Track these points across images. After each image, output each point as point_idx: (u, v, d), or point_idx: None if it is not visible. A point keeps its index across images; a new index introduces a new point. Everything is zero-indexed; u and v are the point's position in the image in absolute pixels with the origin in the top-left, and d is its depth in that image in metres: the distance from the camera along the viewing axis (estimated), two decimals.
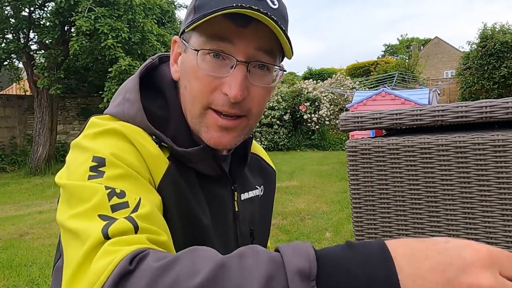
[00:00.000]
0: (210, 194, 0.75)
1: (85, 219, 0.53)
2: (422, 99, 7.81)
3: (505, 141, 0.71)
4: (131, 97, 0.71)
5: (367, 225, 0.82)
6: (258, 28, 0.64)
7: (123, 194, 0.56)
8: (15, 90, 14.81)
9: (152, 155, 0.65)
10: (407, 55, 27.03)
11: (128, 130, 0.65)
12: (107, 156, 0.60)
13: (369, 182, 0.81)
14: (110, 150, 0.61)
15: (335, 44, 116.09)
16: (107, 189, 0.55)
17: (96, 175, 0.58)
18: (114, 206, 0.54)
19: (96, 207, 0.53)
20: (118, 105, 0.72)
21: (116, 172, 0.59)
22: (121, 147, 0.63)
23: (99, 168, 0.58)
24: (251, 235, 0.83)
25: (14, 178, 9.47)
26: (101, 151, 0.60)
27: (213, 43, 0.65)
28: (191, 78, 0.68)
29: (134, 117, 0.69)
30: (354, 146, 0.82)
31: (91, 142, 0.63)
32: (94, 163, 0.59)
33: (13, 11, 9.78)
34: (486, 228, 0.73)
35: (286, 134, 13.02)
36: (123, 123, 0.67)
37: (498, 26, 16.92)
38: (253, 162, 0.89)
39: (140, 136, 0.66)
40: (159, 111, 0.73)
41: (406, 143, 0.78)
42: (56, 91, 9.76)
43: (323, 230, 4.60)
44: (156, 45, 10.51)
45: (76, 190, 0.57)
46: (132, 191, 0.58)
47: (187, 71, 0.69)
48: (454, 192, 0.75)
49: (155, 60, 0.79)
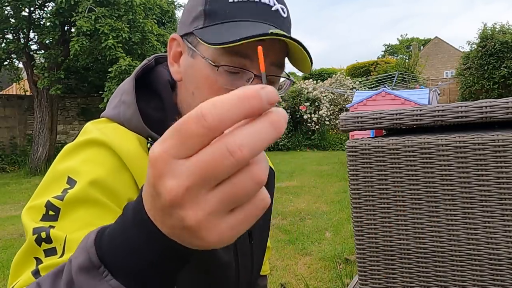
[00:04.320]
0: None
1: (23, 259, 0.57)
2: (422, 99, 7.81)
3: (505, 141, 0.71)
4: (127, 99, 0.71)
5: (367, 225, 0.82)
6: (274, 44, 0.65)
7: (50, 240, 0.56)
8: (15, 90, 14.81)
9: (138, 157, 0.65)
10: (407, 55, 27.04)
11: (110, 137, 0.65)
12: (78, 179, 0.61)
13: (369, 182, 0.81)
14: (83, 167, 0.62)
15: (335, 44, 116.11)
16: (34, 234, 0.56)
17: (61, 196, 0.59)
18: (46, 252, 0.55)
19: (30, 250, 0.56)
20: (115, 108, 0.72)
21: (75, 197, 0.59)
22: (94, 159, 0.63)
23: (68, 190, 0.60)
24: (249, 236, 0.82)
25: (14, 178, 9.47)
26: (74, 170, 0.61)
27: (233, 59, 0.64)
28: (203, 88, 0.67)
29: (129, 119, 0.69)
30: (354, 146, 0.82)
31: (64, 163, 0.64)
32: (66, 185, 0.61)
33: (13, 11, 9.78)
34: (486, 228, 0.73)
35: (286, 134, 13.01)
36: (107, 129, 0.68)
37: (498, 26, 16.92)
38: None
39: (125, 139, 0.66)
40: (155, 113, 0.73)
41: (406, 143, 0.78)
42: (56, 91, 9.76)
43: (323, 230, 4.60)
44: (156, 45, 10.50)
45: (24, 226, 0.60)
46: (68, 228, 0.57)
47: (197, 80, 0.67)
48: (454, 192, 0.75)
49: (151, 61, 0.78)
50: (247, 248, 0.82)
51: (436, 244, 0.77)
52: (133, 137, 0.68)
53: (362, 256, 0.83)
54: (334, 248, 3.98)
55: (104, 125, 0.71)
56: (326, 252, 3.90)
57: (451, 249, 0.76)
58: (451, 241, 0.76)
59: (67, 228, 0.56)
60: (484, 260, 0.74)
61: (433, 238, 0.77)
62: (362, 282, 0.83)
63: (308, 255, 3.89)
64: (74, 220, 0.58)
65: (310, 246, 4.11)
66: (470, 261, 0.75)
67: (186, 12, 0.71)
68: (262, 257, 0.93)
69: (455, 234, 0.75)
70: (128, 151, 0.65)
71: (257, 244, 0.85)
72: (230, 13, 0.64)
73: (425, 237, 0.78)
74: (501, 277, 0.73)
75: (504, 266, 0.73)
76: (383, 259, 0.81)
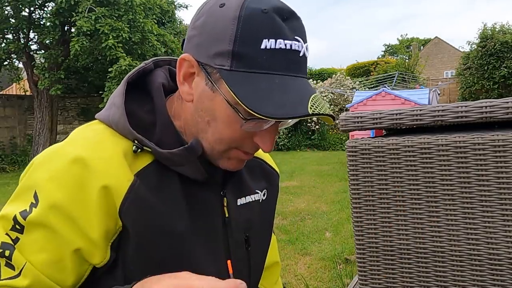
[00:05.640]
0: (194, 198, 0.73)
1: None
2: (422, 99, 7.82)
3: (505, 141, 0.71)
4: (117, 101, 0.71)
5: (367, 225, 0.82)
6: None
7: (11, 259, 0.63)
8: (15, 90, 14.82)
9: (113, 166, 0.66)
10: (407, 55, 27.05)
11: (89, 150, 0.66)
12: (41, 198, 0.64)
13: (369, 182, 0.81)
14: (48, 185, 0.64)
15: (335, 44, 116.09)
16: (0, 248, 0.64)
17: (27, 212, 0.64)
18: (6, 265, 0.64)
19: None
20: (106, 110, 0.73)
21: (37, 220, 0.64)
22: (61, 178, 0.65)
23: (33, 208, 0.64)
24: (246, 242, 0.80)
25: (14, 178, 9.46)
26: (41, 186, 0.64)
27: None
28: (222, 123, 0.66)
29: (117, 122, 0.69)
30: (354, 146, 0.82)
31: (37, 172, 0.67)
32: (33, 199, 0.64)
33: (13, 11, 9.79)
34: (486, 228, 0.73)
35: (286, 134, 13.02)
36: (92, 135, 0.69)
37: (498, 26, 16.92)
38: (255, 165, 0.88)
39: (106, 147, 0.67)
40: (147, 116, 0.73)
41: (406, 143, 0.78)
42: (56, 91, 9.77)
43: (323, 230, 4.61)
44: (156, 45, 10.51)
45: None
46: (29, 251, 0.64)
47: (215, 113, 0.66)
48: (454, 192, 0.75)
49: (149, 65, 0.77)
50: (243, 254, 0.80)
51: (436, 244, 0.77)
52: (117, 141, 0.68)
53: (362, 256, 0.83)
54: (334, 248, 3.98)
55: (93, 128, 0.72)
56: (326, 252, 3.90)
57: (451, 249, 0.76)
58: (451, 241, 0.76)
59: (26, 248, 0.64)
60: (484, 260, 0.74)
61: (433, 238, 0.77)
62: (362, 282, 0.84)
63: (308, 255, 3.89)
64: (32, 242, 0.64)
65: (310, 246, 4.11)
66: (470, 261, 0.75)
67: (204, 36, 0.65)
68: (263, 263, 0.91)
69: (455, 234, 0.75)
70: (105, 161, 0.65)
71: (255, 250, 0.83)
72: (261, 61, 0.62)
73: (425, 237, 0.78)
74: (501, 277, 0.73)
75: (504, 266, 0.73)
76: (383, 259, 0.81)
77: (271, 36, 0.62)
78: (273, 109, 0.60)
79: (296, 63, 0.65)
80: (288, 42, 0.63)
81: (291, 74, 0.64)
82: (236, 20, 0.62)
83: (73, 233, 0.64)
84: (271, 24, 0.62)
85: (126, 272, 0.67)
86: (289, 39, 0.63)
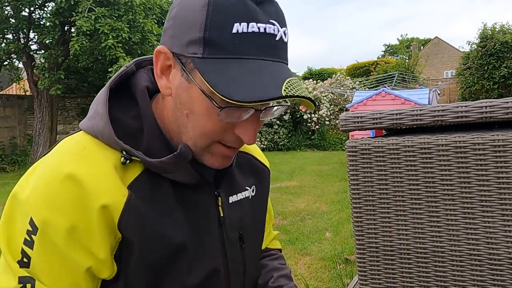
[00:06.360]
0: (188, 202, 0.72)
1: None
2: (422, 99, 7.82)
3: (505, 141, 0.71)
4: (100, 110, 0.68)
5: (367, 225, 0.82)
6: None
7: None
8: (15, 90, 14.81)
9: (110, 194, 0.63)
10: (407, 55, 27.04)
11: (81, 172, 0.63)
12: (40, 225, 0.62)
13: (369, 182, 0.81)
14: (45, 212, 0.62)
15: (335, 44, 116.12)
16: (20, 283, 0.62)
17: (29, 242, 0.62)
18: None
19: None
20: (90, 119, 0.70)
21: (42, 249, 0.62)
22: (55, 202, 0.62)
23: (32, 236, 0.62)
24: (239, 240, 0.80)
25: (14, 178, 9.46)
26: (37, 214, 0.62)
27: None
28: (200, 115, 0.64)
29: (102, 132, 0.67)
30: (354, 146, 0.82)
31: (29, 198, 0.64)
32: (29, 227, 0.63)
33: (13, 11, 9.79)
34: (486, 228, 0.73)
35: (286, 134, 13.01)
36: (79, 159, 0.65)
37: (498, 26, 16.92)
38: (244, 161, 0.86)
39: (95, 160, 0.65)
40: (133, 122, 0.70)
41: (406, 143, 0.78)
42: (56, 91, 9.77)
43: (323, 230, 4.60)
44: (156, 45, 10.51)
45: (4, 258, 0.64)
46: (46, 275, 0.63)
47: (192, 106, 0.64)
48: (454, 192, 0.75)
49: (131, 67, 0.75)
50: (238, 253, 0.80)
51: (436, 244, 0.77)
52: (105, 154, 0.66)
53: (362, 256, 0.83)
54: (334, 248, 3.98)
55: (78, 140, 0.69)
56: (326, 252, 3.90)
57: (451, 249, 0.76)
58: (451, 241, 0.76)
59: (42, 278, 0.63)
60: (484, 260, 0.74)
61: (433, 238, 0.77)
62: (362, 282, 0.83)
63: (308, 255, 3.89)
64: (41, 270, 0.63)
65: (310, 246, 4.11)
66: (470, 261, 0.75)
67: (177, 26, 0.64)
68: (257, 260, 0.91)
69: (455, 234, 0.75)
70: (97, 178, 0.63)
71: (249, 248, 0.83)
72: (233, 46, 0.59)
73: (425, 237, 0.78)
74: (501, 277, 0.73)
75: (504, 266, 0.73)
76: (383, 259, 0.81)
77: (243, 19, 0.59)
78: (243, 93, 0.57)
79: (272, 47, 0.62)
80: (261, 25, 0.60)
81: (267, 58, 0.61)
82: (206, 6, 0.60)
83: (82, 255, 0.63)
84: (242, 8, 0.59)
85: (128, 281, 0.68)
86: (262, 23, 0.60)
